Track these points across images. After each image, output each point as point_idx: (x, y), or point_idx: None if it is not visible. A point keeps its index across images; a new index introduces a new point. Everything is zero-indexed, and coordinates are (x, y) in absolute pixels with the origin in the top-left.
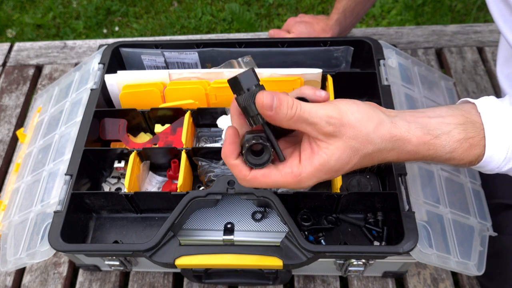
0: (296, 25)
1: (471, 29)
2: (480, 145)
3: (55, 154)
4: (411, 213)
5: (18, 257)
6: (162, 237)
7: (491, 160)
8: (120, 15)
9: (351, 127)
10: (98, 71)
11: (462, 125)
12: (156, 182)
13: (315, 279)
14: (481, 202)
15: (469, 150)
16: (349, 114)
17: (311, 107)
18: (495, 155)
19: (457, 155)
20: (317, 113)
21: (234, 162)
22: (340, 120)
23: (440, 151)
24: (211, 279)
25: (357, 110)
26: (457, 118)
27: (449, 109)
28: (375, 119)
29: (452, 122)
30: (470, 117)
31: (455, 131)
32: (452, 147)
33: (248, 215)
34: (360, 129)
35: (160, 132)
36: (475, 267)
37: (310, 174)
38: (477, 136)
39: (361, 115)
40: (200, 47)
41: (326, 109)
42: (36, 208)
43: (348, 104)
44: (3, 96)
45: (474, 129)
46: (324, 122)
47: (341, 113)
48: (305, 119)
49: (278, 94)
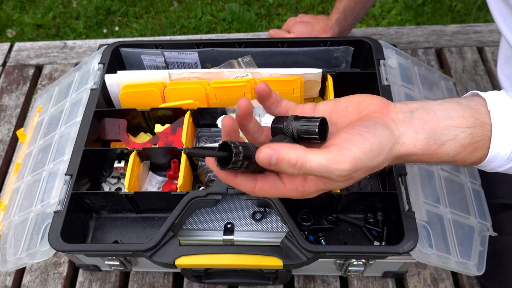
0: (296, 25)
1: (471, 29)
2: (484, 148)
3: (55, 154)
4: (411, 213)
5: (18, 257)
6: (162, 237)
7: (493, 160)
8: (120, 15)
9: (362, 169)
10: (98, 71)
11: (470, 129)
12: (156, 182)
13: (315, 279)
14: (481, 202)
15: (472, 153)
16: (362, 158)
17: (320, 161)
18: (498, 155)
19: (460, 158)
20: (328, 169)
21: (237, 180)
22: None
23: (443, 157)
24: (211, 279)
25: (370, 149)
26: (466, 120)
27: (459, 107)
28: (386, 149)
29: (460, 125)
30: (479, 118)
31: (461, 135)
32: (456, 152)
33: (248, 215)
34: (370, 166)
35: (160, 132)
36: (475, 267)
37: (312, 193)
38: (482, 140)
39: (373, 153)
40: (200, 47)
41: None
42: (36, 208)
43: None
44: (3, 96)
45: (481, 132)
46: (336, 176)
47: (355, 162)
48: (313, 174)
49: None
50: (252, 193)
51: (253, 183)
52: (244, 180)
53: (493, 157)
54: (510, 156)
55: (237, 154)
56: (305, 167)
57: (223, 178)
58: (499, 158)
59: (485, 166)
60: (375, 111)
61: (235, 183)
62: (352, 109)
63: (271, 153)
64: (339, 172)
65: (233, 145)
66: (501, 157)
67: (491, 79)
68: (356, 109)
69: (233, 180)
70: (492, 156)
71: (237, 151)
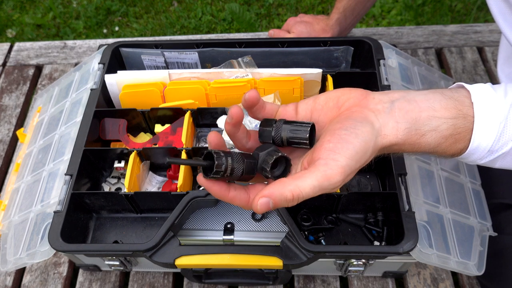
0: (296, 25)
1: (471, 29)
2: (466, 139)
3: (55, 154)
4: (411, 213)
5: (18, 257)
6: (162, 237)
7: (474, 152)
8: (120, 15)
9: (353, 172)
10: (98, 71)
11: (452, 120)
12: (156, 182)
13: (315, 279)
14: (481, 202)
15: (453, 144)
16: (350, 163)
17: (312, 184)
18: (479, 147)
19: (441, 149)
20: (322, 188)
21: (230, 196)
22: (345, 179)
23: (424, 147)
24: (211, 279)
25: (355, 152)
26: (449, 111)
27: (443, 97)
28: (370, 146)
29: (443, 116)
30: (462, 109)
31: (443, 126)
32: (437, 142)
33: (248, 215)
34: (358, 166)
35: (160, 132)
36: (475, 267)
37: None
38: (464, 132)
39: (360, 155)
40: (200, 47)
41: (329, 179)
42: (36, 208)
43: (347, 151)
44: (3, 96)
45: (463, 123)
46: (330, 189)
47: (345, 172)
48: (310, 197)
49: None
50: (247, 207)
51: (246, 196)
52: (237, 195)
53: (474, 149)
54: (491, 149)
55: (219, 165)
56: (301, 197)
57: (217, 193)
58: (480, 150)
59: (465, 158)
60: (354, 105)
61: (229, 199)
62: (331, 106)
63: (267, 201)
64: (333, 186)
65: (216, 155)
66: (482, 150)
67: (491, 79)
68: (336, 105)
69: (226, 196)
70: (473, 148)
71: (219, 162)
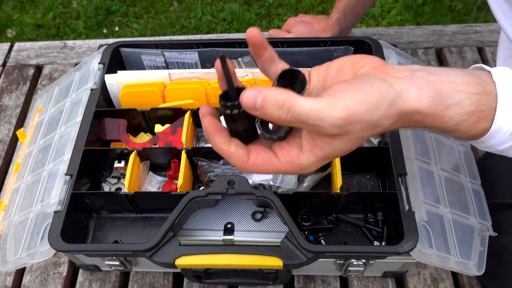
0: (296, 25)
1: (471, 29)
2: (489, 119)
3: (55, 154)
4: (411, 213)
5: (18, 257)
6: (162, 237)
7: (495, 135)
8: (120, 15)
9: (359, 122)
10: (98, 71)
11: (476, 95)
12: (156, 182)
13: (315, 279)
14: (481, 202)
15: (476, 123)
16: (358, 108)
17: (310, 105)
18: (501, 129)
19: (463, 128)
20: (319, 115)
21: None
22: (348, 120)
23: (447, 122)
24: (211, 279)
25: (366, 100)
26: (472, 87)
27: (464, 74)
28: (386, 102)
29: (466, 90)
30: (486, 86)
31: (467, 101)
32: (460, 119)
33: (248, 215)
34: (369, 120)
35: (160, 132)
36: (475, 267)
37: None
38: (487, 110)
39: (371, 105)
40: (200, 47)
41: (330, 109)
42: (36, 208)
43: (357, 95)
44: (3, 96)
45: (487, 100)
46: (328, 125)
47: (349, 112)
48: (302, 121)
49: (264, 91)
50: (243, 169)
51: (246, 157)
52: (237, 150)
53: (496, 131)
54: None
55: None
56: (293, 110)
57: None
58: (502, 133)
59: (485, 142)
60: (372, 69)
61: (228, 154)
62: (346, 71)
63: (257, 94)
64: (332, 120)
65: None
66: (503, 132)
67: None
68: (351, 70)
69: (227, 150)
70: (496, 130)
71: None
